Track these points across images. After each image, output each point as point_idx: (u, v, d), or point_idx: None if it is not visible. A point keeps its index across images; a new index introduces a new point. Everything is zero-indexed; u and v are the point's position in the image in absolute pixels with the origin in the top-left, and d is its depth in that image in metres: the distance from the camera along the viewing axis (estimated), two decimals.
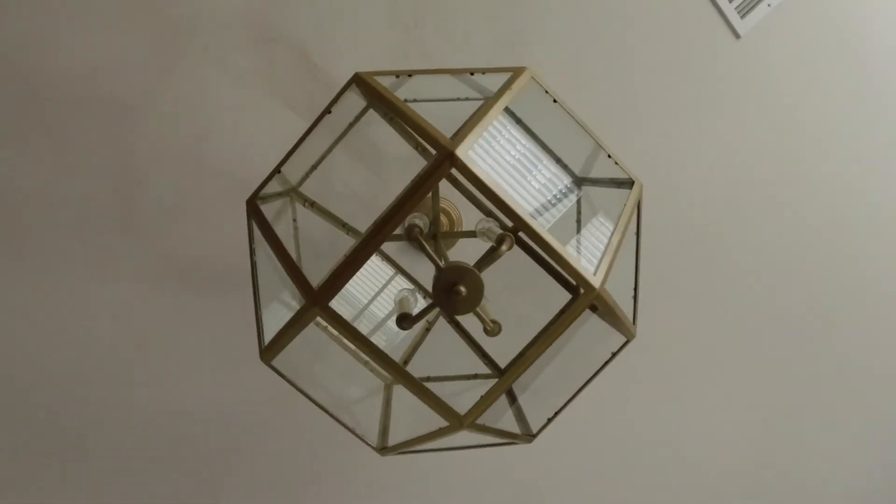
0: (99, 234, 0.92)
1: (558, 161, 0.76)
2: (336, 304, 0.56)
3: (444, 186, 0.85)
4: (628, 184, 0.63)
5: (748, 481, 1.24)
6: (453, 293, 0.54)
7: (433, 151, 0.81)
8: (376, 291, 0.89)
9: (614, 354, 0.64)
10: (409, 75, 0.58)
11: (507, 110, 0.64)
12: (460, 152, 0.47)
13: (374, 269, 0.91)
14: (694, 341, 1.11)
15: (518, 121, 0.72)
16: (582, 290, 0.65)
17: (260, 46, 0.89)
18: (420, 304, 0.84)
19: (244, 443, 1.05)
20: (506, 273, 0.70)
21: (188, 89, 0.89)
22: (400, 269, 0.86)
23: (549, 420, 0.65)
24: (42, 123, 0.88)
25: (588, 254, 0.62)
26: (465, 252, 0.90)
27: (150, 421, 1.01)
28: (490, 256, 0.56)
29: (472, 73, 0.59)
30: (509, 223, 0.73)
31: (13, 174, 0.88)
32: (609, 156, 0.61)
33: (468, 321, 0.87)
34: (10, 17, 0.84)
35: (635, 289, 0.64)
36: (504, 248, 0.57)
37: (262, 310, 0.64)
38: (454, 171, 0.55)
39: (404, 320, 0.58)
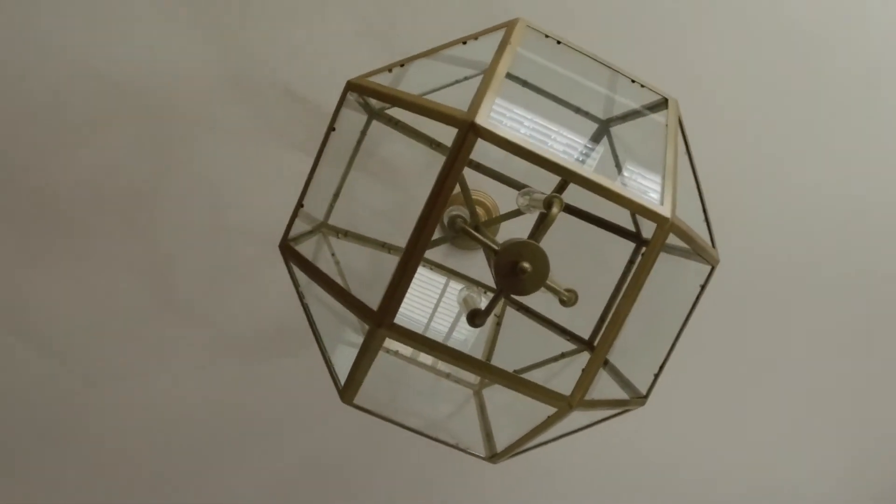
0: (148, 328, 0.91)
1: (578, 110, 0.72)
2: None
3: (470, 177, 0.81)
4: (661, 105, 0.58)
5: None
6: (518, 272, 0.50)
7: (448, 145, 0.78)
8: (433, 306, 0.86)
9: (703, 286, 0.59)
10: (402, 65, 0.55)
11: (510, 75, 0.60)
12: (481, 120, 0.43)
13: (423, 283, 0.88)
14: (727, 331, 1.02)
15: (525, 83, 0.68)
16: (640, 236, 0.61)
17: (245, 100, 0.87)
18: (484, 300, 0.80)
19: (349, 490, 1.02)
20: (547, 241, 0.66)
21: (191, 163, 0.88)
22: (450, 271, 0.82)
23: (656, 376, 0.60)
24: (63, 236, 0.88)
25: (642, 189, 0.57)
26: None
27: (255, 493, 1.00)
28: (543, 224, 0.52)
29: (464, 42, 0.55)
30: (549, 187, 0.68)
31: (49, 292, 0.88)
32: (633, 80, 0.57)
33: (534, 302, 0.84)
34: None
35: (704, 210, 0.58)
36: (555, 210, 0.53)
37: (329, 353, 0.61)
38: (472, 158, 0.52)
39: (476, 316, 0.54)
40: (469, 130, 0.43)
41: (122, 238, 0.88)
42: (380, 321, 0.45)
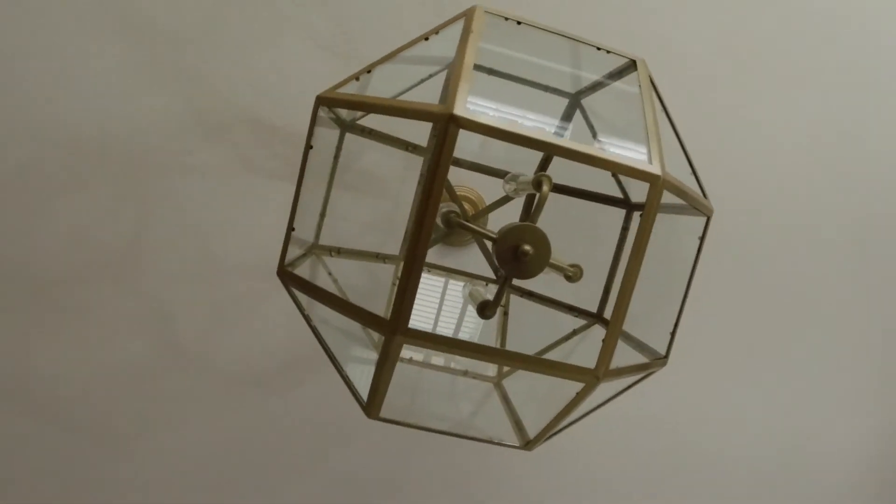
0: (159, 382, 0.90)
1: (546, 88, 0.72)
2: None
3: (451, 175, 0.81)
4: (629, 69, 0.58)
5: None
6: (520, 256, 0.50)
7: (423, 145, 0.78)
8: (435, 309, 0.85)
9: (702, 238, 0.59)
10: (369, 71, 0.54)
11: (476, 66, 0.60)
12: (458, 110, 0.43)
13: (421, 287, 0.87)
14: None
15: (490, 70, 0.68)
16: (628, 201, 0.60)
17: (215, 138, 0.87)
18: (488, 292, 0.80)
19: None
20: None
21: (171, 211, 0.87)
22: (447, 270, 0.82)
23: (673, 335, 0.60)
24: (55, 306, 0.86)
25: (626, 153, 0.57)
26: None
27: None
28: (537, 204, 0.52)
29: (426, 38, 0.55)
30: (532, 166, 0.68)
31: (53, 363, 0.86)
32: (599, 48, 0.57)
33: (533, 286, 0.84)
34: None
35: (690, 163, 0.59)
36: (546, 188, 0.53)
37: (344, 371, 0.60)
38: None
39: (486, 308, 0.54)
40: (450, 122, 0.43)
41: (115, 298, 0.87)
42: (395, 328, 0.45)
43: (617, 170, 0.46)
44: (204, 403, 0.91)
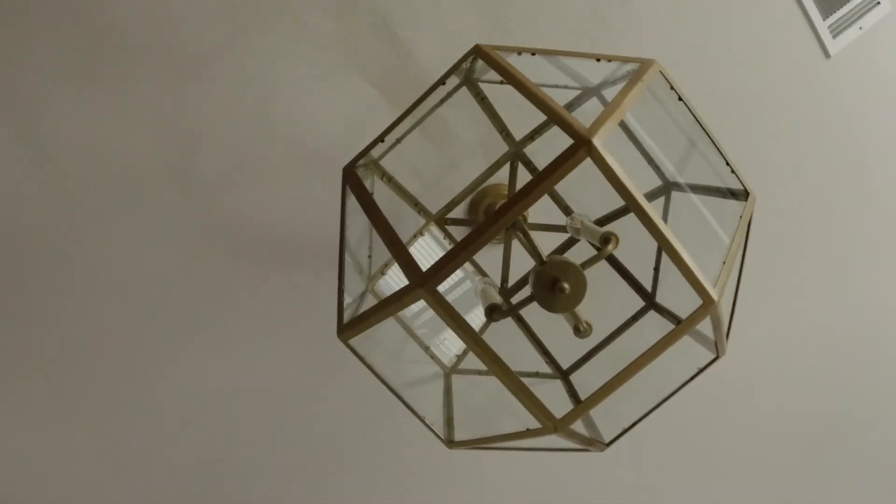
0: (156, 191, 0.89)
1: (650, 162, 0.73)
2: None
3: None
4: (738, 195, 0.60)
5: None
6: (556, 289, 0.51)
7: (509, 142, 0.78)
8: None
9: (700, 370, 0.62)
10: (533, 53, 0.55)
11: None
12: (597, 141, 0.44)
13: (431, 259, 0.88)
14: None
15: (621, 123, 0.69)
16: (652, 299, 0.62)
17: (341, 14, 0.86)
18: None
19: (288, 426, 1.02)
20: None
21: (260, 49, 0.86)
22: (476, 266, 0.83)
23: (624, 430, 0.62)
24: (106, 74, 0.84)
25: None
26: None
27: (193, 396, 0.99)
28: (596, 256, 0.53)
29: (598, 59, 0.56)
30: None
31: (74, 127, 0.84)
32: (727, 163, 0.58)
33: (530, 316, 0.85)
34: None
35: (734, 304, 0.61)
36: (610, 247, 0.54)
37: (343, 284, 0.61)
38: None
39: (494, 311, 0.56)
40: (583, 146, 0.44)
41: (161, 96, 0.84)
42: (423, 282, 0.46)
43: (685, 272, 0.47)
44: (179, 231, 0.90)
